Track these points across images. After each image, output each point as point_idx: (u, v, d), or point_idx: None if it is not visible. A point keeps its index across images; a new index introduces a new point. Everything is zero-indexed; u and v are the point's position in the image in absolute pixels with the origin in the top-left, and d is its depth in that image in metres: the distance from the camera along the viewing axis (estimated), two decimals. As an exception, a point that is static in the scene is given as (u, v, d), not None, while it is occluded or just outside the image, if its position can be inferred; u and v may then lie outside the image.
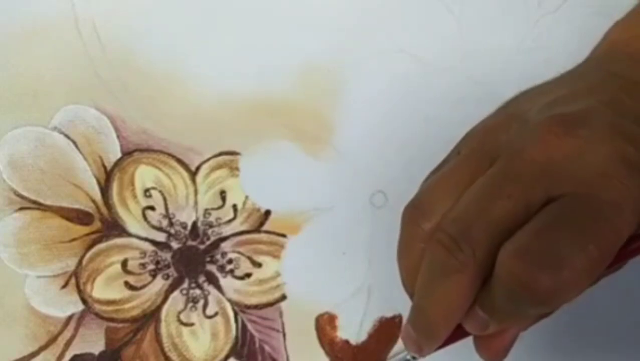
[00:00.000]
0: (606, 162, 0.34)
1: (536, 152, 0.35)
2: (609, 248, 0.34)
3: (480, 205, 0.35)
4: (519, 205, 0.35)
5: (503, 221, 0.35)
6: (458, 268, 0.35)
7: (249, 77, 0.51)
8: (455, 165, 0.38)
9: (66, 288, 0.48)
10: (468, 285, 0.35)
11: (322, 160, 0.50)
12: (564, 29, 0.52)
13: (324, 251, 0.49)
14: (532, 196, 0.35)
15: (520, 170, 0.35)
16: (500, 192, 0.35)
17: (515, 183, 0.35)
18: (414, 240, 0.37)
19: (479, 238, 0.35)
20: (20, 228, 0.49)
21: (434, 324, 0.37)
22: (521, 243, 0.34)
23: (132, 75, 0.51)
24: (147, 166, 0.50)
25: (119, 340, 0.47)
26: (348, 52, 0.52)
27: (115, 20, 0.52)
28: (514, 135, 0.36)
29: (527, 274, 0.33)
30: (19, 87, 0.51)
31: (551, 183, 0.34)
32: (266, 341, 0.47)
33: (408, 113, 0.51)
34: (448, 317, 0.36)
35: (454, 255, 0.35)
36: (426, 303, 0.36)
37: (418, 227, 0.37)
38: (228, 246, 0.49)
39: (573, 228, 0.34)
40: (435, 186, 0.38)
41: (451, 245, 0.35)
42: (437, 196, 0.37)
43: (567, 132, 0.35)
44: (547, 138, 0.35)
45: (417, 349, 0.38)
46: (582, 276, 0.34)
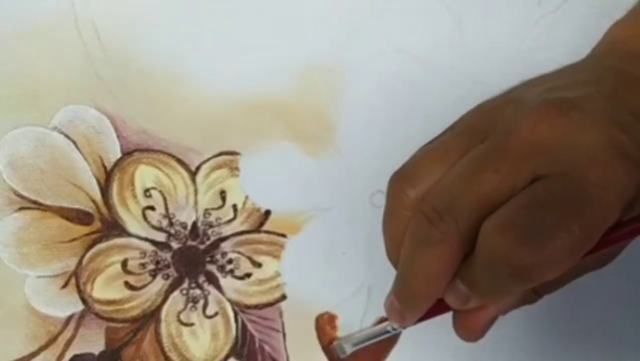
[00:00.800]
0: (597, 145, 0.34)
1: (527, 131, 0.35)
2: (593, 231, 0.34)
3: (466, 178, 0.35)
4: (506, 181, 0.34)
5: (488, 195, 0.34)
6: (440, 239, 0.35)
7: (249, 77, 0.51)
8: (446, 139, 0.37)
9: (66, 288, 0.48)
10: (449, 256, 0.35)
11: (322, 160, 0.50)
12: (564, 29, 0.52)
13: (324, 251, 0.49)
14: (519, 172, 0.34)
15: (509, 146, 0.35)
16: (488, 166, 0.35)
17: (503, 159, 0.35)
18: (399, 208, 0.37)
19: (462, 210, 0.35)
20: (20, 228, 0.49)
21: (416, 294, 0.37)
22: (505, 217, 0.34)
23: (132, 75, 0.51)
24: (147, 166, 0.50)
25: (119, 340, 0.47)
26: (348, 52, 0.52)
27: (115, 20, 0.52)
28: (508, 115, 0.36)
29: (509, 248, 0.33)
30: (19, 87, 0.51)
31: (539, 162, 0.34)
32: (266, 341, 0.47)
33: (408, 113, 0.51)
34: (430, 288, 0.36)
35: (435, 226, 0.35)
36: (408, 273, 0.37)
37: (404, 194, 0.37)
38: (228, 246, 0.49)
39: (558, 207, 0.33)
40: (424, 156, 0.38)
41: (434, 216, 0.35)
42: (425, 165, 0.37)
43: (561, 113, 0.35)
44: (540, 118, 0.35)
45: (400, 319, 0.38)
46: (564, 256, 0.33)
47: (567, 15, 0.53)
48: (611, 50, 0.41)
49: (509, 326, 0.47)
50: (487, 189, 0.35)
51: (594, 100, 0.36)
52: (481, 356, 0.47)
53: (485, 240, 0.34)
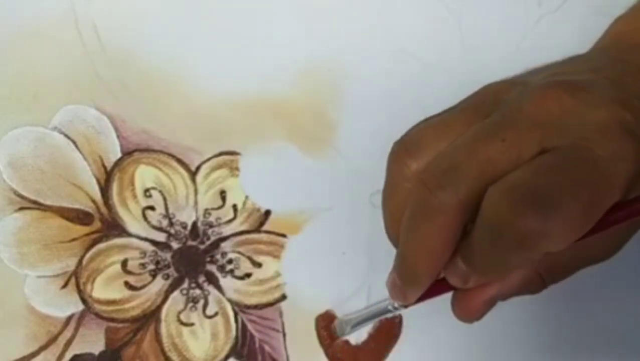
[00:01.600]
0: (603, 121, 0.34)
1: (535, 105, 0.34)
2: (600, 201, 0.33)
3: (470, 146, 0.34)
4: (512, 150, 0.34)
5: (493, 163, 0.34)
6: (440, 208, 0.34)
7: (249, 77, 0.51)
8: (450, 113, 0.37)
9: (66, 288, 0.48)
10: (450, 226, 0.34)
11: (322, 160, 0.50)
12: (564, 29, 0.52)
13: (324, 251, 0.49)
14: (526, 142, 0.34)
15: (517, 118, 0.34)
16: (494, 135, 0.34)
17: (510, 128, 0.34)
18: (400, 180, 0.36)
19: (464, 178, 0.34)
20: (20, 228, 0.49)
21: (416, 268, 0.36)
22: (513, 181, 0.33)
23: (132, 75, 0.51)
24: (147, 166, 0.50)
25: (119, 340, 0.47)
26: (348, 52, 0.52)
27: (115, 20, 0.52)
28: (514, 95, 0.36)
29: (514, 211, 0.32)
30: (19, 87, 0.51)
31: (547, 134, 0.34)
32: (266, 341, 0.47)
33: (408, 113, 0.51)
34: (430, 262, 0.35)
35: (435, 195, 0.34)
36: (408, 247, 0.35)
37: (405, 166, 0.36)
38: (228, 246, 0.49)
39: (567, 175, 0.33)
40: (427, 127, 0.37)
41: (434, 185, 0.34)
42: (428, 136, 0.36)
43: (567, 92, 0.34)
44: (546, 94, 0.35)
45: (402, 297, 0.37)
46: (569, 224, 0.33)
47: (567, 15, 0.53)
48: (614, 44, 0.41)
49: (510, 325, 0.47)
50: (493, 157, 0.34)
51: (600, 84, 0.35)
52: (481, 354, 0.47)
53: (490, 204, 0.33)
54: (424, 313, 0.47)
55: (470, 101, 0.37)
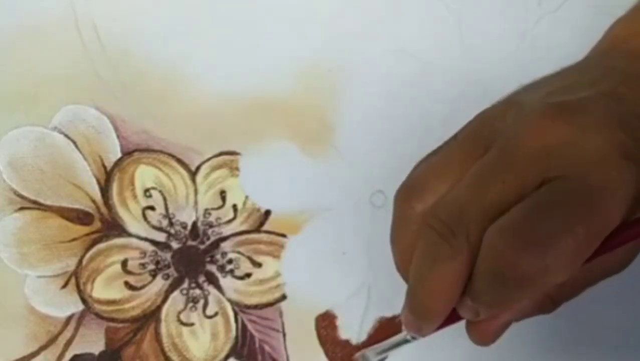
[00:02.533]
0: (600, 148, 0.34)
1: (531, 137, 0.35)
2: (597, 233, 0.34)
3: (474, 190, 0.35)
4: (513, 191, 0.34)
5: (496, 206, 0.34)
6: (451, 254, 0.35)
7: (249, 77, 0.51)
8: (450, 149, 0.37)
9: (66, 288, 0.48)
10: (461, 271, 0.35)
11: (322, 160, 0.50)
12: (564, 28, 0.52)
13: (324, 251, 0.49)
14: (525, 181, 0.34)
15: (514, 155, 0.35)
16: (494, 178, 0.35)
17: (509, 169, 0.35)
18: (407, 222, 0.37)
19: (472, 223, 0.35)
20: (20, 228, 0.49)
21: (428, 308, 0.36)
22: (508, 221, 0.34)
23: (132, 75, 0.51)
24: (147, 166, 0.50)
25: (119, 340, 0.47)
26: (348, 52, 0.52)
27: (115, 20, 0.52)
28: (510, 122, 0.36)
29: (512, 252, 0.33)
30: (19, 87, 0.51)
31: (544, 168, 0.34)
32: (266, 341, 0.47)
33: (408, 113, 0.51)
34: (442, 302, 0.36)
35: (446, 241, 0.35)
36: (420, 288, 0.36)
37: (411, 208, 0.37)
38: (228, 246, 0.49)
39: (562, 210, 0.33)
40: (429, 168, 0.38)
41: (444, 231, 0.35)
42: (431, 178, 0.37)
43: (563, 118, 0.35)
44: (542, 123, 0.35)
45: (416, 330, 0.38)
46: (567, 259, 0.33)
47: (567, 15, 0.53)
48: (612, 49, 0.41)
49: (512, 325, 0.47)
50: (496, 200, 0.34)
51: (596, 101, 0.36)
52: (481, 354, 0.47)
53: (489, 245, 0.34)
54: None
55: (467, 133, 0.38)
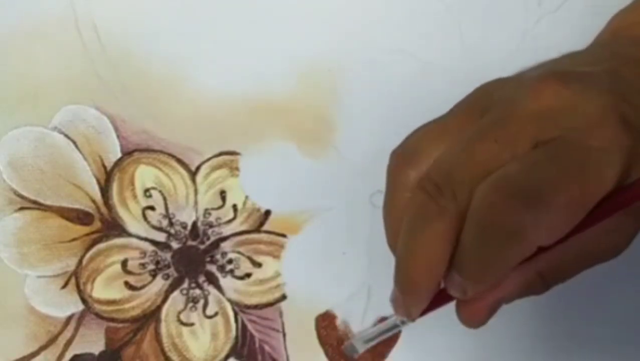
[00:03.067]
0: (598, 111, 0.34)
1: (527, 99, 0.34)
2: (592, 193, 0.33)
3: (465, 150, 0.34)
4: (505, 149, 0.34)
5: (487, 163, 0.34)
6: (438, 212, 0.34)
7: (249, 77, 0.51)
8: (446, 117, 0.37)
9: (66, 288, 0.48)
10: (448, 231, 0.34)
11: (322, 160, 0.50)
12: (564, 29, 0.52)
13: (324, 251, 0.49)
14: (519, 140, 0.34)
15: (509, 116, 0.34)
16: (487, 136, 0.34)
17: (502, 128, 0.34)
18: (400, 190, 0.36)
19: (461, 181, 0.34)
20: (20, 228, 0.49)
21: (415, 279, 0.35)
22: (501, 174, 0.33)
23: (132, 75, 0.51)
24: (147, 166, 0.50)
25: (119, 340, 0.47)
26: (348, 52, 0.52)
27: (115, 20, 0.52)
28: (509, 90, 0.36)
29: (503, 203, 0.32)
30: (19, 87, 0.51)
31: (540, 128, 0.34)
32: (266, 341, 0.47)
33: (408, 113, 0.51)
34: (429, 271, 0.35)
35: (434, 200, 0.34)
36: (407, 256, 0.35)
37: (404, 175, 0.36)
38: (228, 246, 0.49)
39: (558, 168, 0.33)
40: (423, 134, 0.37)
41: (432, 190, 0.34)
42: (424, 143, 0.36)
43: (562, 83, 0.34)
44: (540, 87, 0.34)
45: (405, 311, 0.37)
46: (561, 216, 0.33)
47: (567, 15, 0.53)
48: (614, 38, 0.41)
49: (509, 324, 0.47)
50: (487, 158, 0.34)
51: (597, 75, 0.35)
52: (481, 354, 0.47)
53: (479, 200, 0.33)
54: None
55: (465, 103, 0.37)
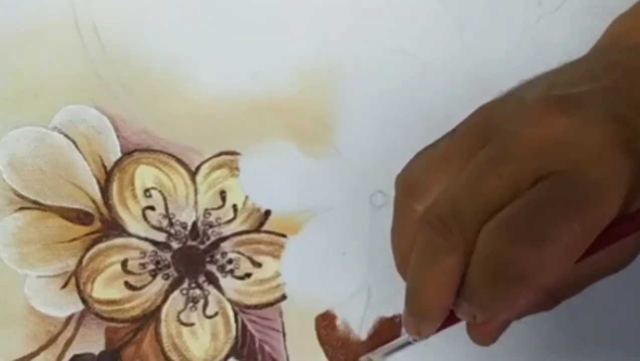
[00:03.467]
0: (599, 143, 0.34)
1: (529, 131, 0.35)
2: (592, 227, 0.34)
3: (470, 185, 0.35)
4: (509, 186, 0.34)
5: (492, 201, 0.34)
6: (447, 250, 0.35)
7: (249, 77, 0.51)
8: (449, 145, 0.37)
9: (66, 288, 0.48)
10: (457, 267, 0.35)
11: (322, 160, 0.50)
12: (564, 29, 0.52)
13: (324, 251, 0.49)
14: (522, 175, 0.34)
15: (511, 149, 0.35)
16: (491, 172, 0.35)
17: (505, 163, 0.35)
18: (407, 223, 0.37)
19: (468, 218, 0.34)
20: (20, 228, 0.49)
21: (426, 308, 0.36)
22: (504, 218, 0.34)
23: (132, 75, 0.51)
24: (147, 166, 0.50)
25: (119, 340, 0.47)
26: (348, 52, 0.52)
27: (115, 20, 0.52)
28: (509, 115, 0.36)
29: (507, 248, 0.33)
30: (19, 87, 0.51)
31: (542, 163, 0.34)
32: (266, 341, 0.47)
33: (408, 113, 0.51)
34: (440, 300, 0.36)
35: (442, 237, 0.35)
36: (417, 286, 0.36)
37: (411, 209, 0.37)
38: (228, 246, 0.49)
39: (558, 206, 0.33)
40: (427, 166, 0.37)
41: (440, 226, 0.35)
42: (430, 177, 0.37)
43: (562, 111, 0.35)
44: (540, 116, 0.35)
45: (416, 332, 0.38)
46: (563, 254, 0.33)
47: (567, 15, 0.53)
48: (613, 44, 0.41)
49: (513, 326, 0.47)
50: (492, 195, 0.34)
51: (595, 95, 0.35)
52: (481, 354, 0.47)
53: (485, 241, 0.34)
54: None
55: (465, 128, 0.38)
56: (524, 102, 0.36)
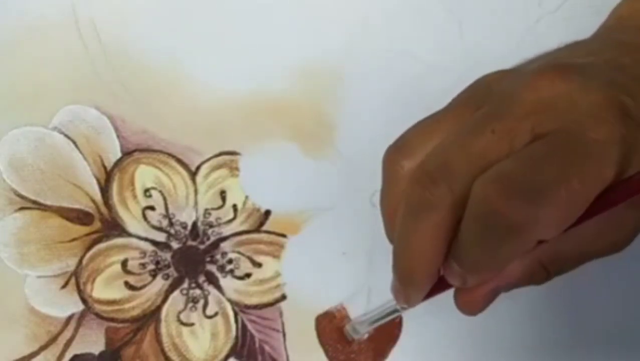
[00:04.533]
0: (599, 104, 0.33)
1: (526, 93, 0.34)
2: (592, 187, 0.33)
3: (462, 139, 0.34)
4: (503, 140, 0.33)
5: (484, 155, 0.33)
6: (434, 204, 0.33)
7: (249, 77, 0.51)
8: (443, 110, 0.36)
9: (66, 288, 0.48)
10: (445, 223, 0.33)
11: (322, 160, 0.50)
12: (564, 29, 0.52)
13: (324, 251, 0.49)
14: (517, 131, 0.33)
15: (507, 107, 0.34)
16: (484, 127, 0.34)
17: (500, 119, 0.33)
18: (396, 181, 0.36)
19: (457, 172, 0.33)
20: (20, 228, 0.49)
21: (412, 270, 0.35)
22: (500, 170, 0.33)
23: (132, 75, 0.51)
24: (147, 166, 0.50)
25: (119, 340, 0.47)
26: (348, 52, 0.52)
27: (115, 20, 0.52)
28: (506, 82, 0.35)
29: (503, 199, 0.32)
30: (19, 87, 0.51)
31: (539, 120, 0.33)
32: (266, 341, 0.47)
33: (408, 113, 0.51)
34: (426, 262, 0.34)
35: (429, 191, 0.33)
36: (403, 246, 0.35)
37: (399, 166, 0.36)
38: (228, 246, 0.49)
39: (557, 161, 0.32)
40: (419, 127, 0.36)
41: (426, 181, 0.34)
42: (420, 135, 0.36)
43: (562, 75, 0.34)
44: (539, 80, 0.34)
45: (405, 298, 0.37)
46: (560, 211, 0.32)
47: (567, 15, 0.53)
48: (619, 26, 0.40)
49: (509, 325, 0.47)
50: (483, 149, 0.33)
51: (596, 66, 0.35)
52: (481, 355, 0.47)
53: (478, 194, 0.33)
54: (424, 313, 0.48)
55: (462, 96, 0.37)
56: (523, 71, 0.35)
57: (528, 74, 0.35)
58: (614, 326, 0.48)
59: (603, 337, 0.48)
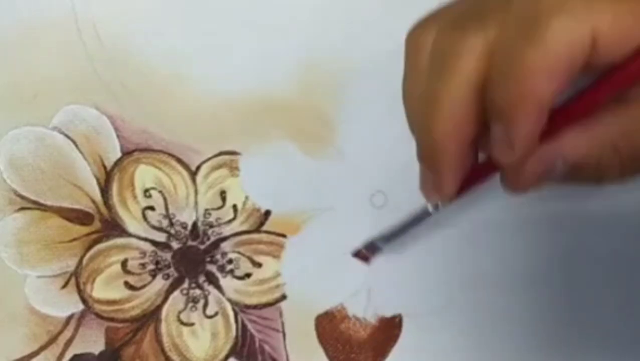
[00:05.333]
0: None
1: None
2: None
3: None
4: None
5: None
6: (464, 50, 0.30)
7: (249, 77, 0.51)
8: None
9: (66, 288, 0.48)
10: (475, 70, 0.30)
11: (322, 160, 0.50)
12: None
13: (324, 251, 0.49)
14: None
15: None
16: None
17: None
18: (421, 55, 0.32)
19: (491, 15, 0.30)
20: (20, 228, 0.49)
21: (442, 139, 0.31)
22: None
23: (132, 75, 0.51)
24: (147, 166, 0.50)
25: (119, 340, 0.47)
26: (348, 52, 0.52)
27: (115, 20, 0.52)
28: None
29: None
30: (19, 87, 0.51)
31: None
32: (266, 341, 0.48)
33: (408, 113, 0.51)
34: (456, 125, 0.30)
35: (456, 39, 0.30)
36: (429, 112, 0.31)
37: (422, 38, 0.32)
38: (228, 246, 0.49)
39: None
40: (438, 8, 0.34)
41: (452, 29, 0.31)
42: (443, 9, 0.33)
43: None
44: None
45: (437, 188, 0.33)
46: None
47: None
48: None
49: (510, 327, 0.47)
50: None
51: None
52: (481, 355, 0.47)
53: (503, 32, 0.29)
54: (424, 313, 0.48)
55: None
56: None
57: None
58: (614, 326, 0.48)
59: (603, 337, 0.48)
